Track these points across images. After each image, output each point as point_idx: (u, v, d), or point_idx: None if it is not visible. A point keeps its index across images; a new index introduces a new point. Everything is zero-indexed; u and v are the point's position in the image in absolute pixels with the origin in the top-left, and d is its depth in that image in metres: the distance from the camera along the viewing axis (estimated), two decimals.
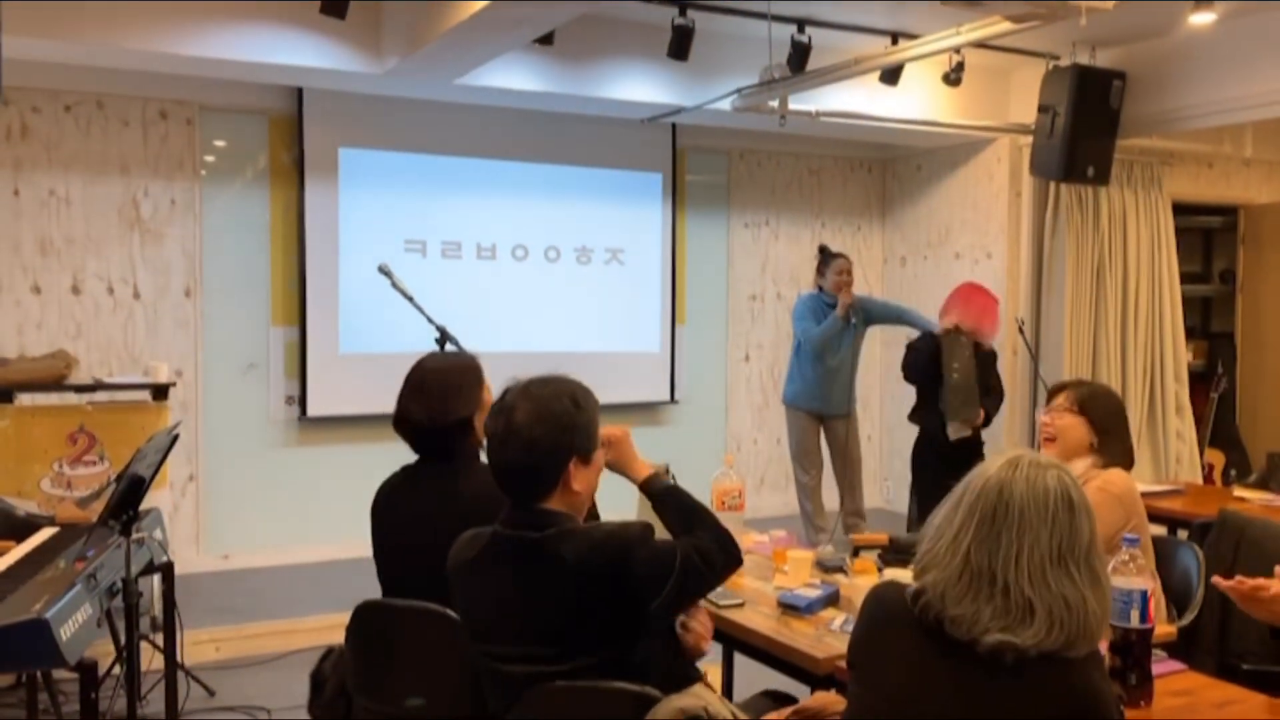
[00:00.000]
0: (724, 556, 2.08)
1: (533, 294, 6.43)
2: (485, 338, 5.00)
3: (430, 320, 4.79)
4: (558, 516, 1.99)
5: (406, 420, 2.55)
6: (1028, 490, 1.62)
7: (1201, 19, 5.47)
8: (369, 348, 5.98)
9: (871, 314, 6.02)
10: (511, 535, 2.00)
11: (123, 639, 3.15)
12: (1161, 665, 2.19)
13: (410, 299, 4.82)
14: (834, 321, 5.75)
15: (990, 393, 5.50)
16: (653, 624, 2.01)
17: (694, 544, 2.04)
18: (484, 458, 2.42)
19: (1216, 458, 7.17)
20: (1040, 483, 1.62)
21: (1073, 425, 2.92)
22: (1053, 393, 3.06)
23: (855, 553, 3.07)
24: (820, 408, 5.94)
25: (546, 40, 5.06)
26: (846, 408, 6.02)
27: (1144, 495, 4.38)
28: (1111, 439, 2.93)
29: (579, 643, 1.93)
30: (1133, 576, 2.00)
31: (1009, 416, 6.70)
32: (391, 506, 2.58)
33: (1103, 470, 2.88)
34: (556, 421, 1.99)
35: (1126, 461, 2.95)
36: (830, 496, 6.08)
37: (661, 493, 2.21)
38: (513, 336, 6.21)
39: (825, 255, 5.89)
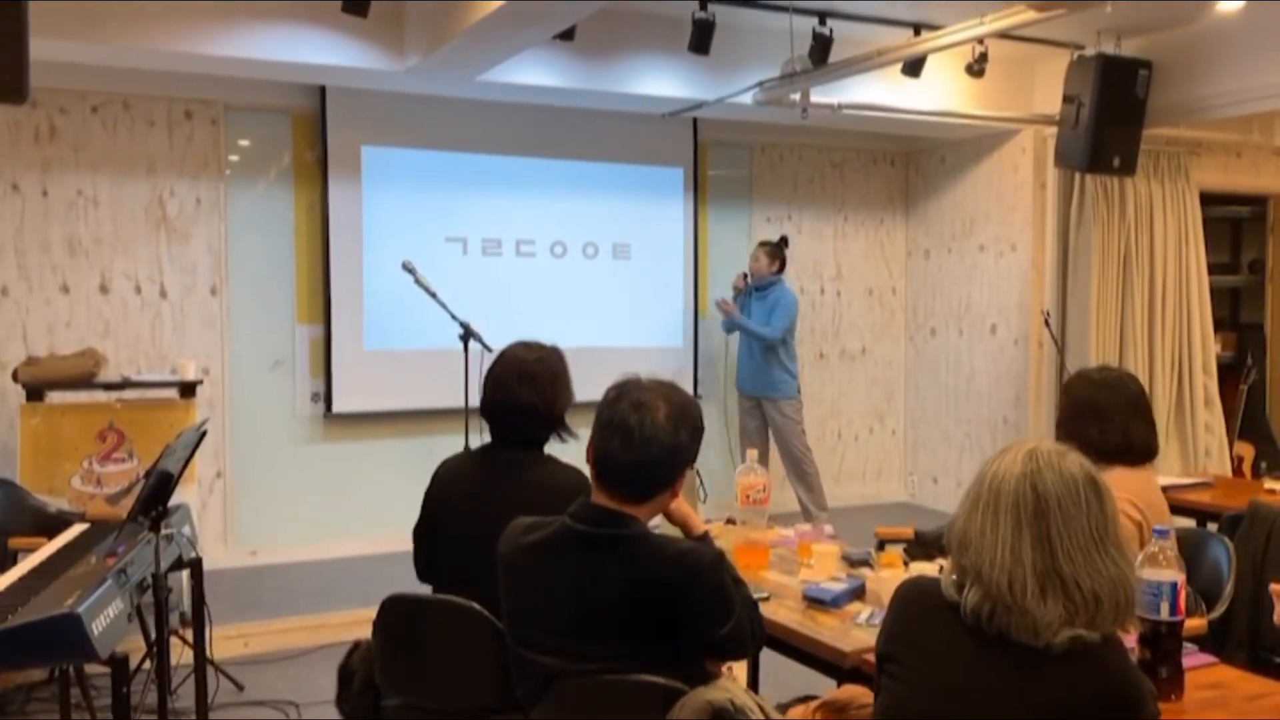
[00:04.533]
0: (756, 633, 2.10)
1: (551, 290, 6.43)
2: (506, 334, 4.99)
3: (454, 317, 4.82)
4: (634, 521, 2.00)
5: (511, 405, 2.54)
6: (1058, 481, 1.61)
7: (1228, 6, 5.42)
8: (393, 344, 6.01)
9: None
10: (584, 530, 1.99)
11: (153, 634, 3.18)
12: (1192, 658, 2.17)
13: (434, 296, 4.85)
14: None
15: None
16: (689, 653, 2.00)
17: (747, 608, 2.05)
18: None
19: (1246, 450, 7.09)
20: (1068, 472, 1.62)
21: None
22: None
23: (881, 546, 3.06)
24: None
25: (567, 36, 5.05)
26: None
27: (1173, 488, 4.38)
28: None
29: (620, 646, 1.93)
30: (1162, 568, 1.99)
31: (1034, 410, 6.66)
32: (464, 491, 2.57)
33: None
34: (694, 430, 2.04)
35: None
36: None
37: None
38: (532, 333, 6.18)
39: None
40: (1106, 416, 2.79)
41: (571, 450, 2.61)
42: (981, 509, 1.64)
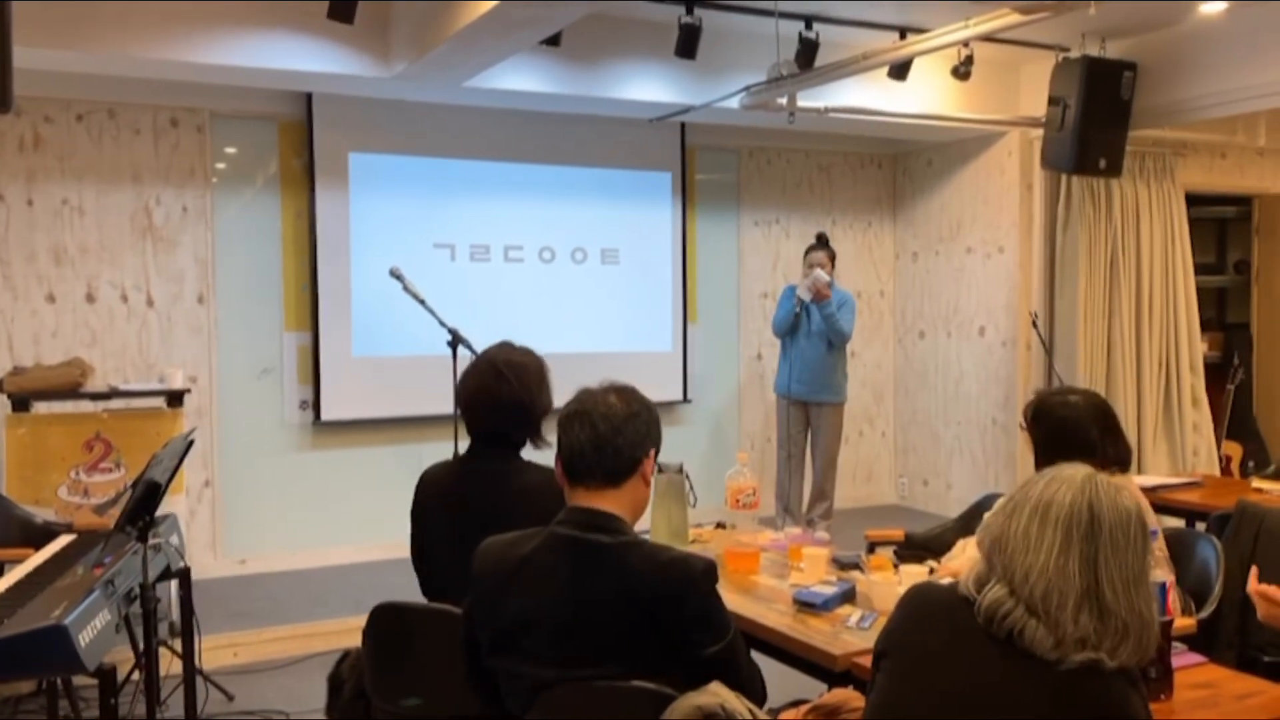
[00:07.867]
0: (756, 687, 2.09)
1: (540, 295, 6.43)
2: (494, 340, 4.99)
3: (442, 323, 4.81)
4: (621, 522, 2.02)
5: (490, 400, 2.57)
6: (1115, 512, 1.60)
7: (1212, 7, 5.45)
8: (382, 351, 6.00)
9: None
10: (577, 536, 2.00)
11: (141, 645, 3.16)
12: (1181, 658, 2.17)
13: (422, 302, 4.84)
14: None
15: None
16: (680, 665, 1.97)
17: (744, 646, 2.08)
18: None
19: (1234, 450, 7.13)
20: (1123, 505, 1.61)
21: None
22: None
23: (871, 549, 3.06)
24: None
25: (554, 41, 5.06)
26: None
27: (1161, 488, 4.40)
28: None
29: (614, 650, 1.92)
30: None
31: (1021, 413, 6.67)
32: (446, 501, 2.58)
33: None
34: (647, 410, 2.11)
35: None
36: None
37: None
38: (523, 339, 6.18)
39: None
40: (1112, 429, 2.86)
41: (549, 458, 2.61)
42: (1028, 514, 1.62)
